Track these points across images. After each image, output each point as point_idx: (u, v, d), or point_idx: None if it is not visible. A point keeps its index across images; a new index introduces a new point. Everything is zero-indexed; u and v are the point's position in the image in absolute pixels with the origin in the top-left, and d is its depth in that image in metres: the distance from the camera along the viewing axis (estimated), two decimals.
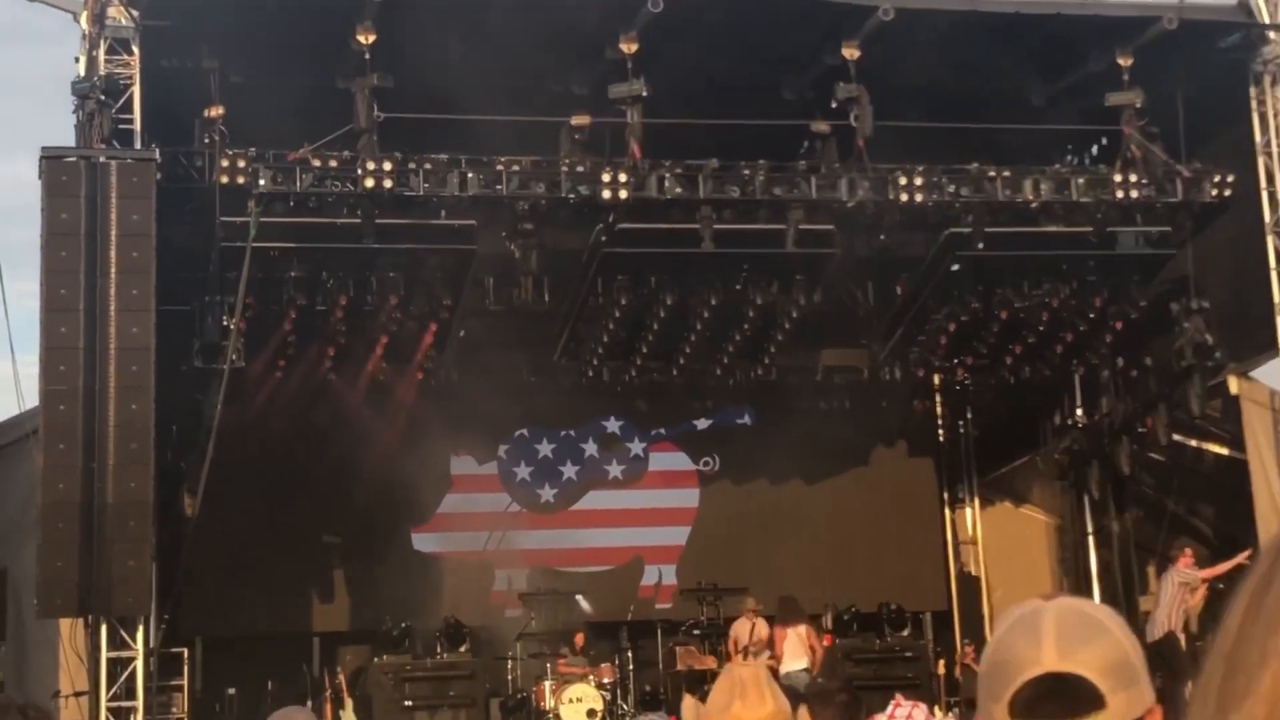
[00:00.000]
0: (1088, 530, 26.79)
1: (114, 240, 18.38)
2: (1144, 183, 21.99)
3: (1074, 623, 2.65)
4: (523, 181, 20.67)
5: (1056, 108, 22.96)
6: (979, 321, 23.77)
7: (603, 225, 21.62)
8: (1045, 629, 2.64)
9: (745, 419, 26.41)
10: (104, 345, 18.23)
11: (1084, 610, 2.71)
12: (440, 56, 19.61)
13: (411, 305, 21.65)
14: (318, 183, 19.80)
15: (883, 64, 20.87)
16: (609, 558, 26.04)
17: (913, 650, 25.06)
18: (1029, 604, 2.74)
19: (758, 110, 21.54)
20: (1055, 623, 2.65)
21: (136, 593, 18.36)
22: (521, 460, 25.94)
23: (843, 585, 25.91)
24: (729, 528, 26.33)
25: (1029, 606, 2.73)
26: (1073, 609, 2.70)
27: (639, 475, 26.52)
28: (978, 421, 27.78)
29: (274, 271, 20.80)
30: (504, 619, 24.40)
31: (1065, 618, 2.66)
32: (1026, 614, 2.70)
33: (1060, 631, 2.63)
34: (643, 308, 22.79)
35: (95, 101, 19.21)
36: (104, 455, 18.10)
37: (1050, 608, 2.69)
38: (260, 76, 20.78)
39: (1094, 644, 2.63)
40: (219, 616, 23.37)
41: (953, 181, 21.73)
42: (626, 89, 20.10)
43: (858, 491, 26.87)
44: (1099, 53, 22.10)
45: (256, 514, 23.53)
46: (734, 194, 21.27)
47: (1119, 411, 25.09)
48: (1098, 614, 2.71)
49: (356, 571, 24.65)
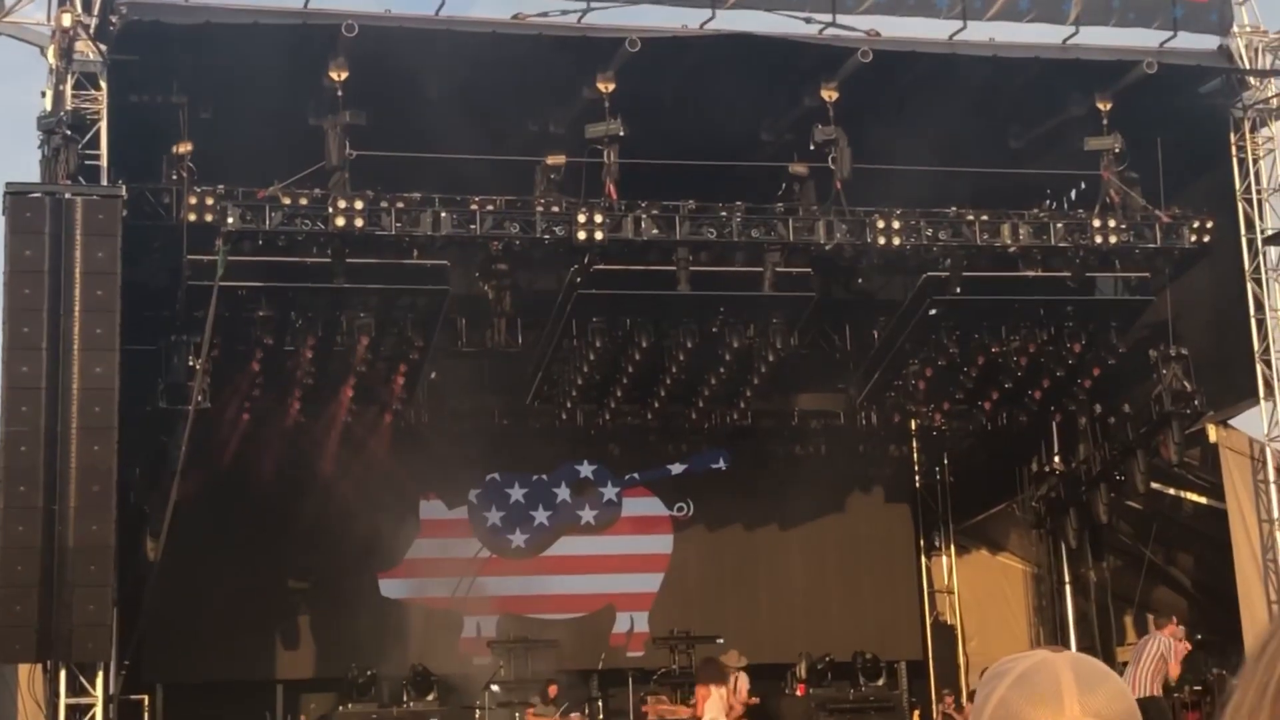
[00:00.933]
0: (1065, 579, 26.66)
1: (78, 278, 18.09)
2: (1123, 228, 21.89)
3: (1089, 676, 2.51)
4: (497, 221, 20.45)
5: (1035, 152, 22.90)
6: (956, 366, 23.66)
7: (578, 266, 21.43)
8: (1064, 682, 2.48)
9: (720, 464, 26.20)
10: (67, 385, 17.92)
11: (1094, 664, 2.57)
12: (414, 94, 19.45)
13: (382, 346, 21.43)
14: (287, 221, 19.55)
15: (861, 107, 20.76)
16: (580, 605, 25.78)
17: (887, 700, 24.90)
18: (1033, 655, 2.58)
19: (735, 151, 21.42)
20: (1074, 675, 2.50)
21: (97, 638, 18.02)
22: (492, 505, 25.69)
23: (817, 633, 25.70)
24: (703, 575, 26.14)
25: (1035, 658, 2.57)
26: (1085, 662, 2.55)
27: (612, 521, 26.30)
28: (954, 468, 27.69)
29: (242, 311, 20.56)
30: (473, 666, 24.12)
31: (1082, 670, 2.52)
32: (1035, 669, 2.53)
33: (1080, 684, 2.49)
34: (617, 350, 22.60)
35: (61, 136, 18.94)
36: (65, 497, 17.79)
37: (1064, 660, 2.54)
38: (230, 112, 20.54)
39: (1110, 698, 2.49)
40: (181, 663, 23.05)
41: (930, 225, 21.60)
42: (603, 129, 19.94)
43: (833, 538, 26.70)
44: (1078, 97, 22.05)
45: (220, 558, 23.23)
46: (711, 235, 21.10)
47: (1096, 459, 24.97)
48: (1104, 667, 2.58)
49: (322, 618, 24.35)
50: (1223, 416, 23.08)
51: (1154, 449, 23.54)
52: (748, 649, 23.62)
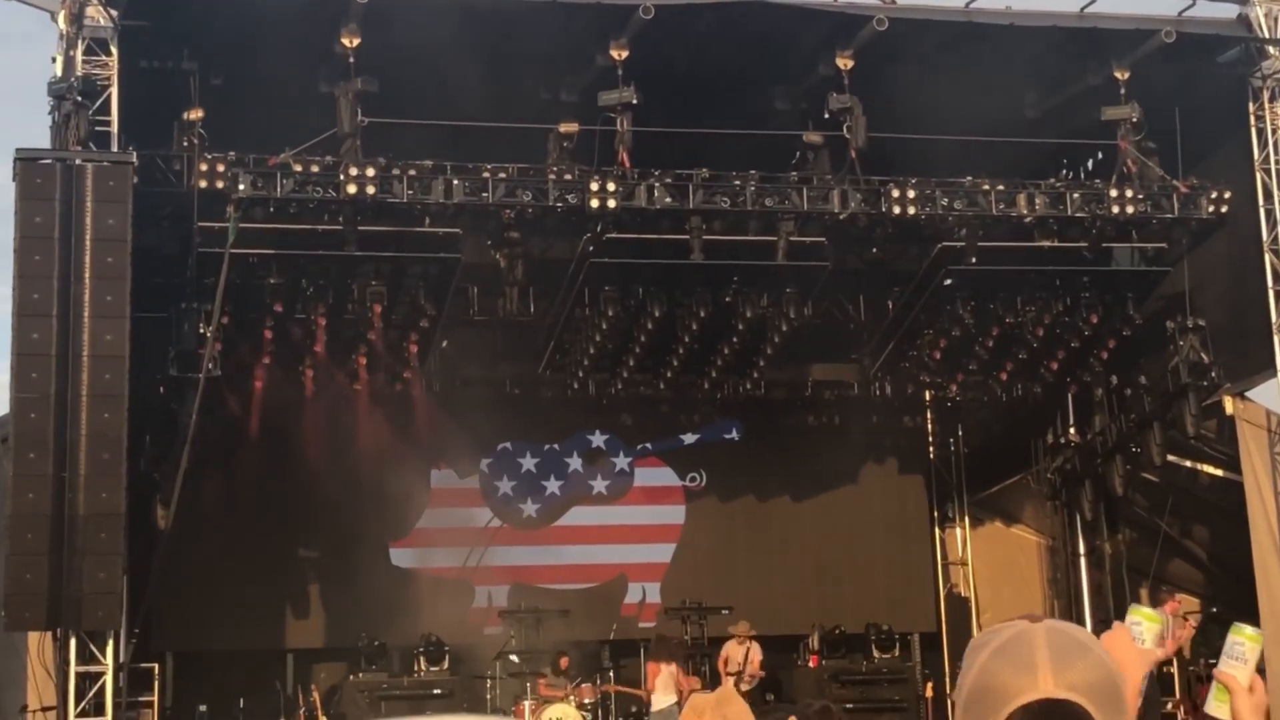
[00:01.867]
0: (1079, 551, 26.67)
1: (89, 245, 18.15)
2: (1140, 198, 21.88)
3: (1066, 647, 2.62)
4: (509, 189, 20.49)
5: (1052, 121, 22.85)
6: (971, 337, 23.66)
7: (590, 235, 21.47)
8: (1038, 654, 2.60)
9: (733, 434, 26.26)
10: (77, 352, 17.99)
11: (1073, 635, 2.67)
12: (426, 61, 19.45)
13: (393, 315, 21.47)
14: (299, 188, 19.60)
15: (877, 75, 20.74)
16: (592, 575, 25.86)
17: (900, 672, 24.95)
18: (1012, 626, 2.70)
19: (749, 120, 21.41)
20: (1048, 647, 2.61)
21: (107, 606, 18.12)
22: (504, 474, 25.76)
23: (829, 605, 25.78)
24: (715, 545, 26.19)
25: (1013, 629, 2.68)
26: (1063, 633, 2.66)
27: (624, 491, 26.36)
28: (969, 439, 27.70)
29: (253, 278, 20.60)
30: (483, 637, 24.20)
31: (1056, 642, 2.62)
32: (1013, 639, 2.66)
33: (1055, 656, 2.59)
34: (630, 319, 22.63)
35: (72, 102, 18.99)
36: (75, 465, 17.87)
37: (1040, 631, 2.65)
38: (241, 79, 20.60)
39: (1086, 669, 2.59)
40: (191, 631, 23.15)
41: (946, 194, 21.60)
42: (616, 96, 19.95)
43: (846, 509, 26.73)
44: (1096, 66, 21.99)
45: (231, 527, 23.31)
46: (724, 205, 21.12)
47: (1112, 431, 24.97)
48: (1085, 638, 2.68)
49: (333, 587, 24.44)
50: (1240, 388, 23.07)
51: (1170, 421, 23.55)
52: (760, 620, 23.70)
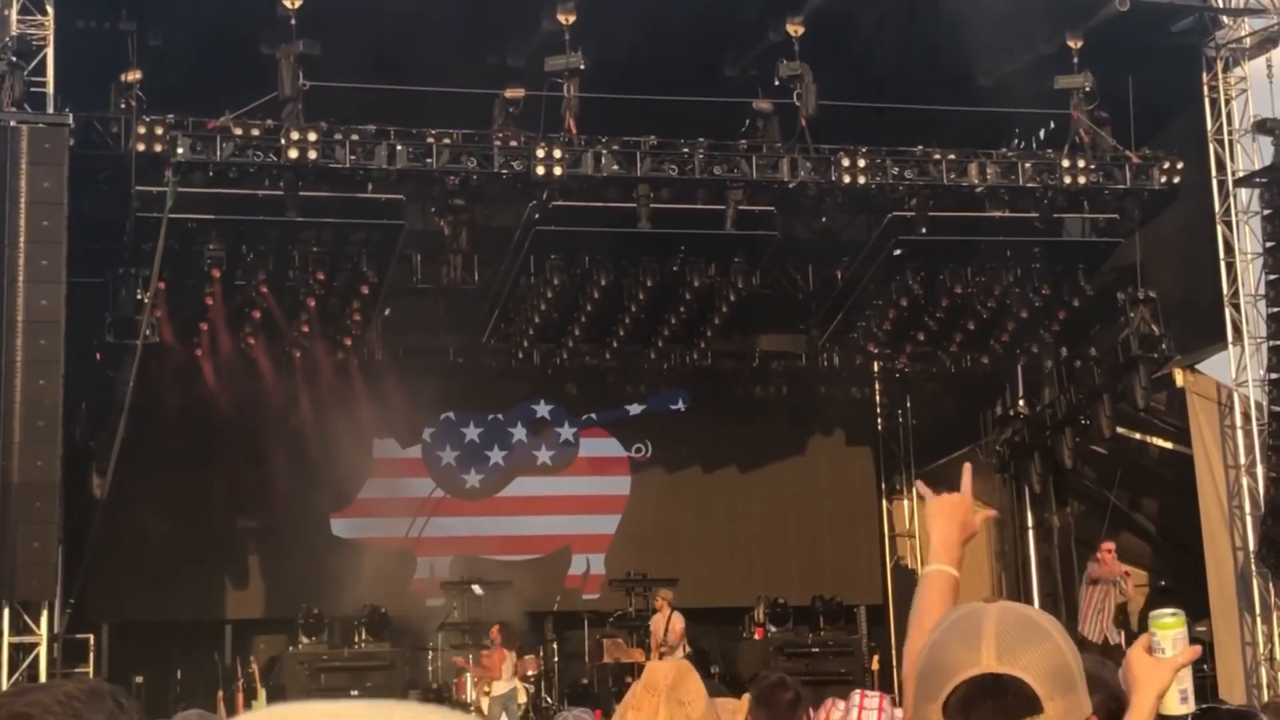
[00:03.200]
0: (1028, 524, 26.85)
1: (23, 208, 18.05)
2: (1092, 168, 22.02)
3: (1014, 626, 2.67)
4: (454, 155, 20.45)
5: (1004, 90, 22.90)
6: (920, 308, 23.77)
7: (536, 202, 21.47)
8: (985, 631, 2.65)
9: (679, 405, 26.32)
10: (11, 317, 17.91)
11: (1025, 614, 2.73)
12: (370, 24, 19.38)
13: (335, 282, 21.43)
14: (239, 152, 19.52)
15: (827, 41, 20.78)
16: (536, 546, 25.90)
17: (846, 645, 25.05)
18: (968, 606, 2.76)
19: (698, 87, 21.40)
20: (995, 625, 2.66)
21: (41, 576, 18.11)
22: (447, 444, 25.76)
23: (776, 577, 25.88)
24: (660, 517, 26.26)
25: (968, 609, 2.74)
26: (1013, 612, 2.71)
27: (569, 461, 26.40)
28: (917, 411, 27.85)
29: (191, 244, 20.52)
30: (425, 608, 24.22)
31: (1005, 620, 2.67)
32: (965, 616, 2.72)
33: (1000, 634, 2.65)
34: (576, 288, 22.65)
35: (6, 63, 18.86)
36: (9, 433, 17.81)
37: (991, 610, 2.70)
38: (180, 40, 20.42)
39: (1033, 648, 2.64)
40: (127, 602, 23.10)
41: (896, 164, 21.69)
42: (563, 62, 19.93)
43: (793, 481, 26.84)
44: (1048, 34, 22.09)
45: (169, 496, 23.20)
46: (672, 172, 21.15)
47: (1061, 403, 25.13)
48: (1039, 619, 2.73)
49: (273, 557, 24.41)
50: (1190, 361, 23.30)
51: (1120, 393, 23.72)
52: (705, 592, 23.83)
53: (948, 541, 3.71)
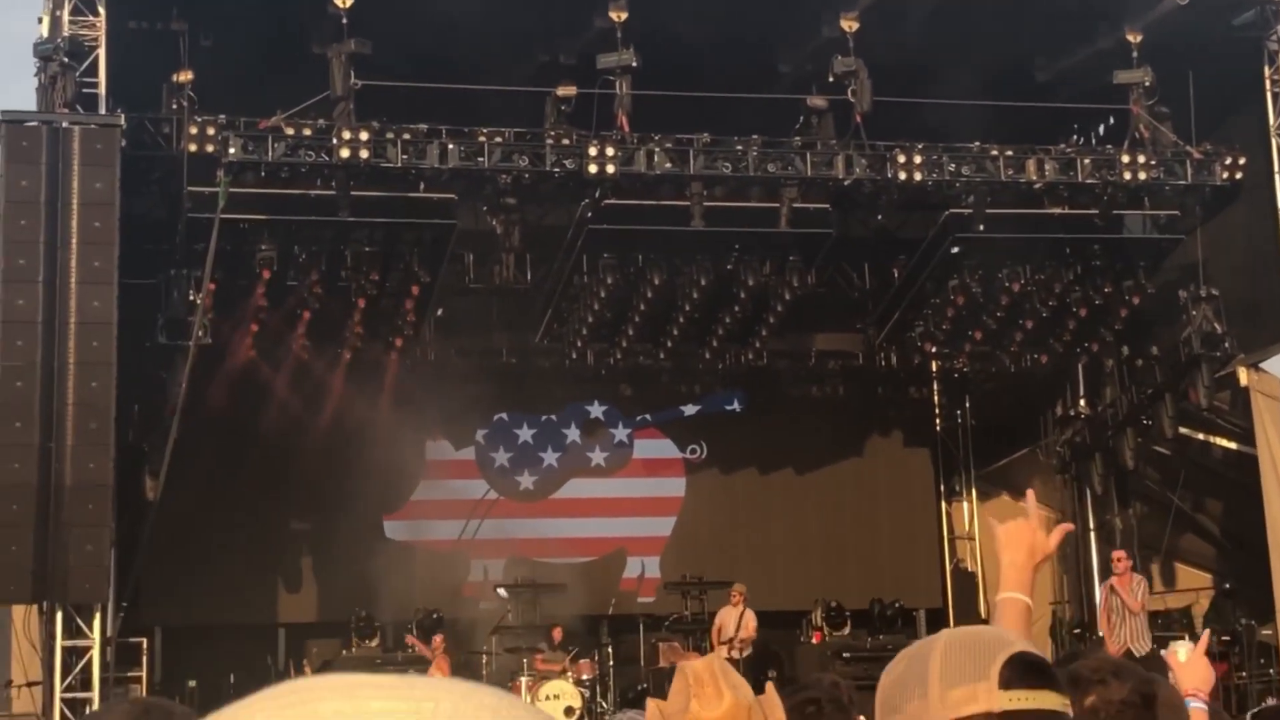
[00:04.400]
0: (1089, 526, 26.73)
1: (75, 209, 18.26)
2: (1152, 164, 21.91)
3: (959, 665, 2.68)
4: (505, 154, 20.54)
5: (1063, 85, 22.91)
6: (979, 307, 23.73)
7: (588, 201, 21.53)
8: (931, 671, 2.67)
9: (734, 405, 26.34)
10: (64, 319, 18.10)
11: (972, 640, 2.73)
12: (421, 22, 19.51)
13: (387, 282, 21.55)
14: (290, 152, 19.66)
15: (883, 37, 20.78)
16: (590, 549, 25.97)
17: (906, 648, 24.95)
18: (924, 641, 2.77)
19: (752, 83, 21.45)
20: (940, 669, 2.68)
21: (94, 579, 18.26)
22: (500, 446, 25.86)
23: (833, 580, 25.86)
24: (716, 519, 26.27)
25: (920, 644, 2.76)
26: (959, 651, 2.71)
27: (623, 463, 26.46)
28: (976, 411, 27.77)
29: (243, 244, 20.69)
30: (479, 611, 24.30)
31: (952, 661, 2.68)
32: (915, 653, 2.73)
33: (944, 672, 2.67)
34: (629, 288, 22.71)
35: (58, 64, 19.07)
36: (62, 434, 17.99)
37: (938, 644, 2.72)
38: (232, 40, 20.63)
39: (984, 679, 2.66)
40: (180, 605, 23.26)
41: (953, 160, 21.65)
42: (616, 59, 20.01)
43: (850, 482, 26.83)
44: (1108, 28, 22.03)
45: (221, 498, 23.41)
46: (726, 170, 21.18)
47: (1123, 403, 25.06)
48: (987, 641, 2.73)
49: (325, 560, 24.55)
50: (1254, 359, 23.16)
51: (1183, 393, 23.63)
52: (761, 595, 23.80)
53: (1018, 567, 3.75)
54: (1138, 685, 3.79)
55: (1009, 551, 3.78)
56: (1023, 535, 3.80)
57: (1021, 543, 3.78)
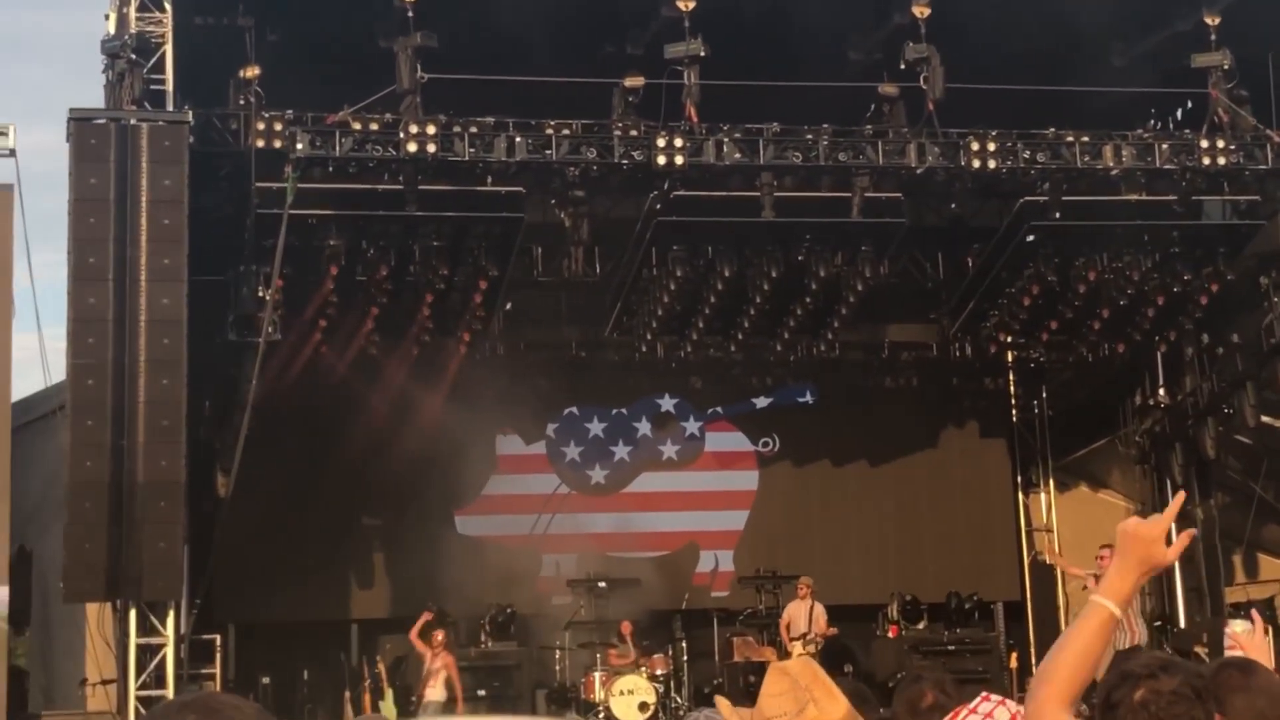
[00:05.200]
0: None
1: (144, 207, 18.42)
2: (1232, 149, 21.71)
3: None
4: (573, 146, 20.56)
5: (1139, 69, 22.72)
6: (1055, 295, 23.59)
7: (657, 193, 21.54)
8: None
9: (807, 397, 26.28)
10: (134, 317, 18.28)
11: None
12: (487, 14, 19.55)
13: (456, 276, 21.61)
14: (358, 147, 19.75)
15: (955, 23, 20.68)
16: (663, 543, 25.98)
17: (984, 642, 24.87)
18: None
19: (822, 71, 21.37)
20: None
21: (167, 576, 18.43)
22: (571, 440, 25.90)
23: (909, 573, 25.80)
24: (789, 512, 26.25)
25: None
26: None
27: (694, 456, 26.44)
28: (1053, 401, 27.60)
29: (312, 240, 20.78)
30: (552, 606, 24.37)
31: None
32: None
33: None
34: (699, 279, 22.69)
35: (126, 61, 19.25)
36: (133, 432, 18.16)
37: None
38: (298, 35, 20.78)
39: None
40: (253, 602, 23.43)
41: (1028, 147, 21.51)
42: (683, 49, 19.99)
43: (925, 474, 26.73)
44: (1185, 11, 21.87)
45: (293, 495, 23.56)
46: (796, 160, 21.12)
47: (1204, 391, 24.88)
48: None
49: (397, 556, 24.66)
50: None
51: (1265, 381, 23.45)
52: (836, 589, 23.77)
53: (1123, 574, 3.68)
54: (1188, 678, 3.80)
55: (1119, 557, 3.71)
56: (1139, 540, 3.71)
57: (1136, 549, 3.70)
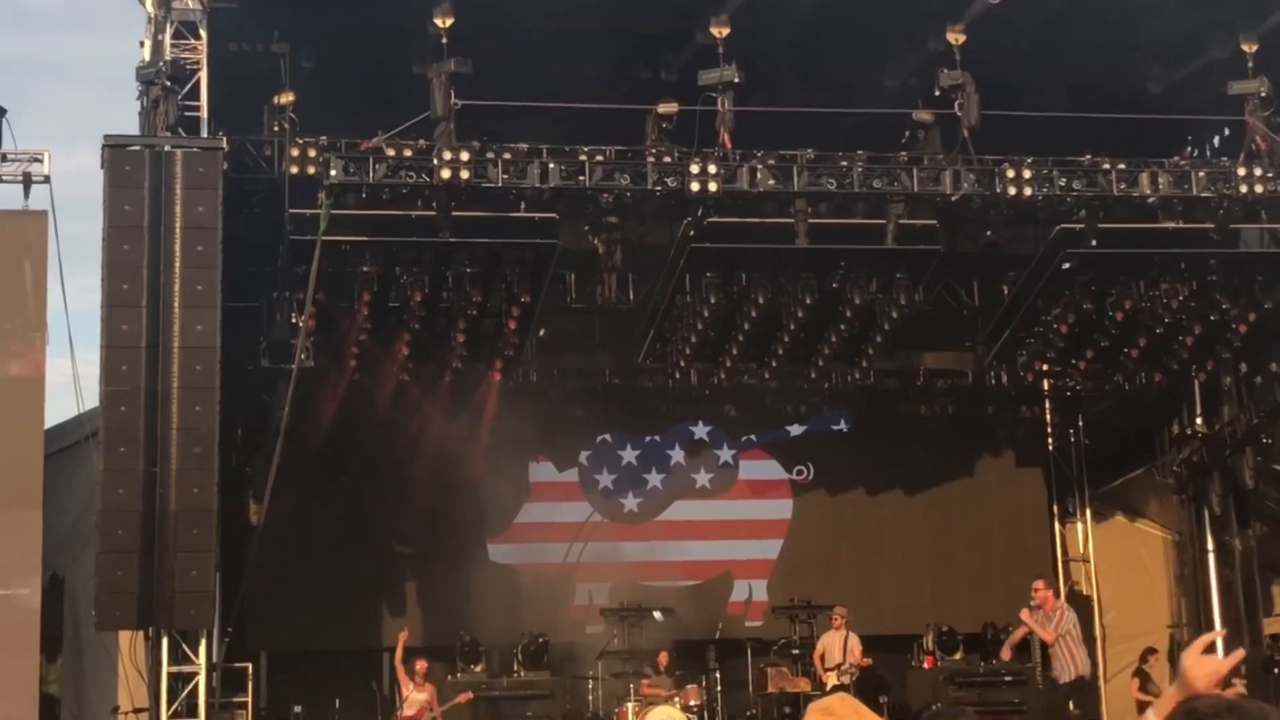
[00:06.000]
0: (1208, 547, 26.48)
1: (178, 233, 18.51)
2: (1270, 176, 21.67)
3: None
4: (607, 172, 20.62)
5: (1176, 96, 22.71)
6: (1092, 324, 23.55)
7: (691, 219, 21.57)
8: None
9: (841, 425, 26.26)
10: (167, 343, 18.35)
11: None
12: (521, 41, 19.64)
13: (489, 303, 21.67)
14: (391, 173, 19.82)
15: (990, 49, 20.71)
16: (696, 572, 25.96)
17: (1020, 674, 24.78)
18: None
19: (856, 98, 21.41)
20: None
21: (199, 605, 18.45)
22: (604, 467, 25.91)
23: (945, 603, 25.74)
24: (823, 541, 26.21)
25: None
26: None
27: (728, 484, 26.43)
28: (1090, 430, 27.51)
29: (345, 266, 20.85)
30: (585, 635, 24.37)
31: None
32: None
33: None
34: (733, 306, 22.70)
35: (160, 88, 19.38)
36: (166, 459, 18.21)
37: None
38: (332, 62, 20.90)
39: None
40: (285, 630, 23.48)
41: (1064, 174, 21.50)
42: (718, 75, 20.05)
43: (961, 503, 26.67)
44: (1222, 37, 21.86)
45: (325, 522, 23.62)
46: (830, 186, 21.14)
47: (1242, 421, 24.81)
48: None
49: (430, 584, 24.69)
50: None
51: None
52: (871, 619, 23.74)
53: (1179, 696, 3.77)
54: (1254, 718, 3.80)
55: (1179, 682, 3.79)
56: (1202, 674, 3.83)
57: (1196, 684, 3.82)
